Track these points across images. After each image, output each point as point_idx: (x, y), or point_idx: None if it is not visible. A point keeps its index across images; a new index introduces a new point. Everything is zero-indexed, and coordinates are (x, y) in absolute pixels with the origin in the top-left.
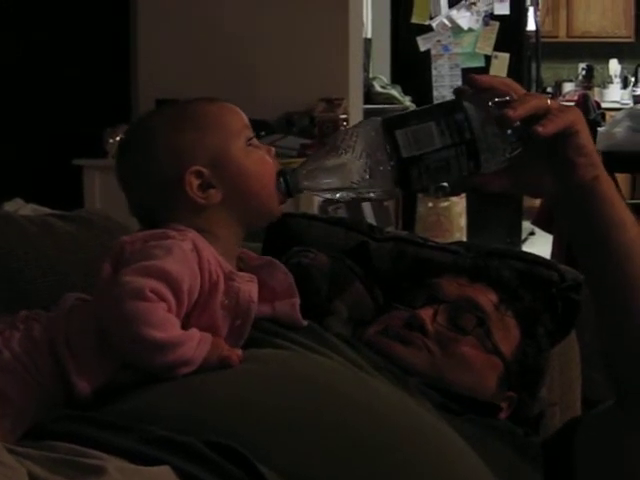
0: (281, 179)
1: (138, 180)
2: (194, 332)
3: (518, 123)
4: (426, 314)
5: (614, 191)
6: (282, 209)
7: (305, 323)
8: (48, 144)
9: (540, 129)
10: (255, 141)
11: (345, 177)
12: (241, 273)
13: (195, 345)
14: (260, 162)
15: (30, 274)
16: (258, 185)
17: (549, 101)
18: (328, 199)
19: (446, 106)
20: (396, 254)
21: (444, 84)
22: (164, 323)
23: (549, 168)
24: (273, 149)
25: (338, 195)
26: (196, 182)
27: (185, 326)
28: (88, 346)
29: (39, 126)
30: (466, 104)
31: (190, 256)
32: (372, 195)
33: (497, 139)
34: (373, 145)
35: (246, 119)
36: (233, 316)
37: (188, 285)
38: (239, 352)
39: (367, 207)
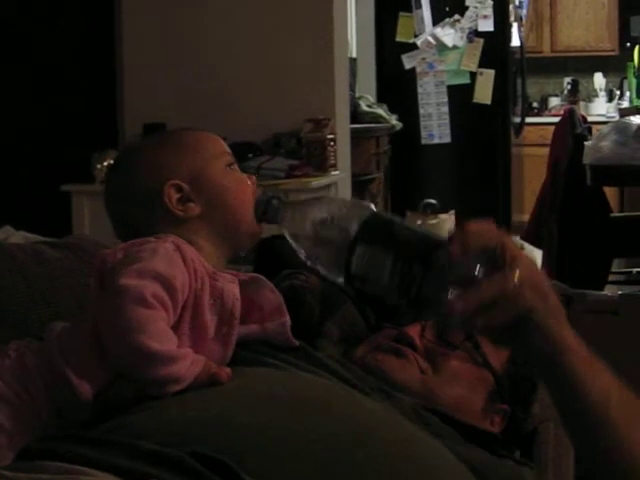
0: (267, 200)
1: (121, 196)
2: (188, 352)
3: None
4: (414, 331)
5: (582, 359)
6: (262, 228)
7: (297, 343)
8: (36, 170)
9: (484, 323)
10: (236, 167)
11: (310, 240)
12: (223, 274)
13: (188, 364)
14: (239, 182)
15: (20, 302)
16: (236, 202)
17: (516, 277)
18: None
19: (417, 248)
20: None
21: (430, 102)
22: (162, 336)
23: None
24: (254, 177)
25: (296, 245)
26: (175, 195)
27: (177, 329)
28: (84, 351)
29: (27, 153)
30: (439, 257)
31: (175, 255)
32: (319, 267)
33: (443, 313)
34: (344, 233)
35: (227, 148)
36: (219, 318)
37: (180, 282)
38: (228, 370)
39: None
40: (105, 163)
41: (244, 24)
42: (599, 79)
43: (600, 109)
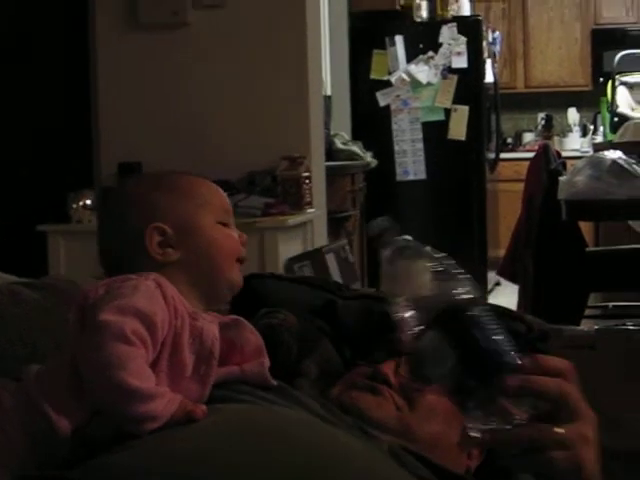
0: (385, 228)
1: (108, 228)
2: (165, 390)
3: None
4: (388, 367)
5: None
6: (241, 282)
7: (275, 383)
8: (12, 211)
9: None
10: (229, 226)
11: (402, 286)
12: (203, 314)
13: (165, 402)
14: (227, 237)
15: None
16: (221, 255)
17: (559, 436)
18: (294, 258)
19: (479, 363)
20: (363, 312)
21: (405, 138)
22: (141, 373)
23: None
24: (245, 236)
25: (385, 277)
26: (157, 238)
27: (156, 366)
28: (61, 389)
29: (1, 193)
30: (495, 383)
31: (156, 292)
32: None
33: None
34: (436, 303)
35: (227, 203)
36: (198, 357)
37: (160, 319)
38: (204, 407)
39: (332, 264)
40: (81, 203)
41: (219, 62)
42: (573, 114)
43: (574, 144)
